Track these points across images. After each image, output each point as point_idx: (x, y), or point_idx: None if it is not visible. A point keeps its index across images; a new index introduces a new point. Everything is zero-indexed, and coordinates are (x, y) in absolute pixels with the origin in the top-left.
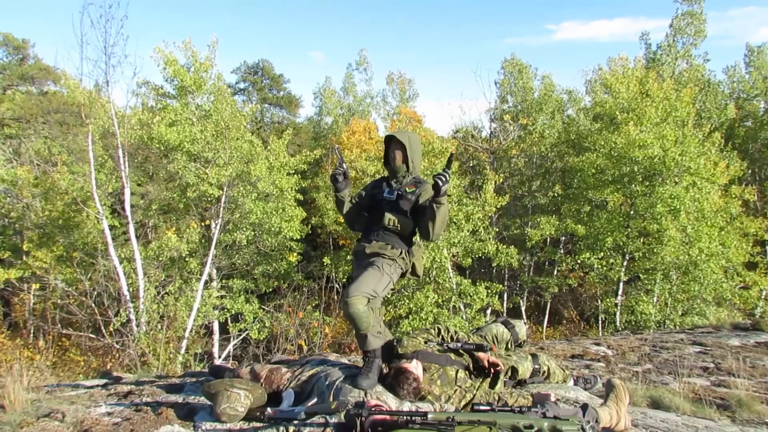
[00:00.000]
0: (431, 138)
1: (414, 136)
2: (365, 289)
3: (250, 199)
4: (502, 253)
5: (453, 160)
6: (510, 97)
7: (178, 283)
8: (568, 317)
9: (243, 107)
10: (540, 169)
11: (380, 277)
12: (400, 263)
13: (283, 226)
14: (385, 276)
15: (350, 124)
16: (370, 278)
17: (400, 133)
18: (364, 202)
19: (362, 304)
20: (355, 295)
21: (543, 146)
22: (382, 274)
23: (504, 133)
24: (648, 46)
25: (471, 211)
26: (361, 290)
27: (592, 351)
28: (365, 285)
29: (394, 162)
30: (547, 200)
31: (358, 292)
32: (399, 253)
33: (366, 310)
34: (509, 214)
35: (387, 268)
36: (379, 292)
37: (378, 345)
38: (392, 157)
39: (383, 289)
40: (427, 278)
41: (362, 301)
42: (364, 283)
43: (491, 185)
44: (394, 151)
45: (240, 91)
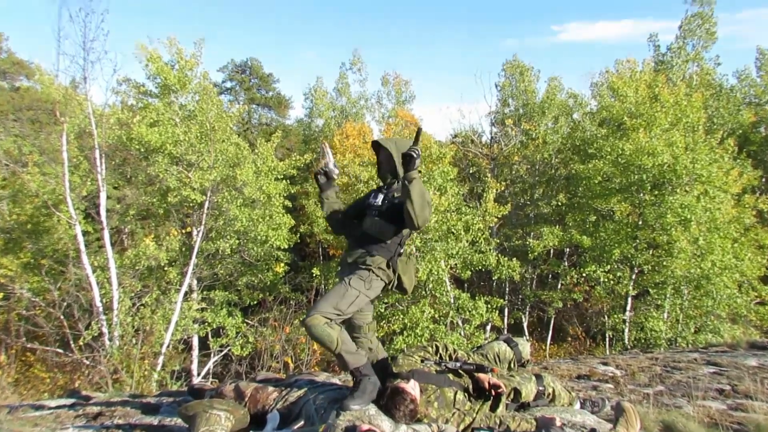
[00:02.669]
0: (429, 143)
1: (401, 141)
2: (324, 308)
3: (235, 205)
4: (503, 265)
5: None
6: (511, 100)
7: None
8: (573, 334)
9: (229, 108)
10: (543, 176)
11: (344, 292)
12: (378, 274)
13: (270, 235)
14: (351, 290)
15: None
16: (331, 296)
17: (385, 140)
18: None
19: (320, 324)
20: (311, 315)
21: (546, 152)
22: (348, 288)
23: (505, 139)
24: (657, 48)
25: (470, 220)
26: (319, 310)
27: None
28: (324, 304)
29: (383, 168)
30: (551, 210)
31: (315, 311)
32: (377, 261)
33: (325, 330)
34: (510, 224)
35: (355, 281)
36: (344, 309)
37: (359, 363)
38: (382, 163)
39: (350, 305)
40: (423, 291)
41: (319, 320)
42: (324, 302)
43: (492, 193)
44: (382, 158)
45: (226, 91)
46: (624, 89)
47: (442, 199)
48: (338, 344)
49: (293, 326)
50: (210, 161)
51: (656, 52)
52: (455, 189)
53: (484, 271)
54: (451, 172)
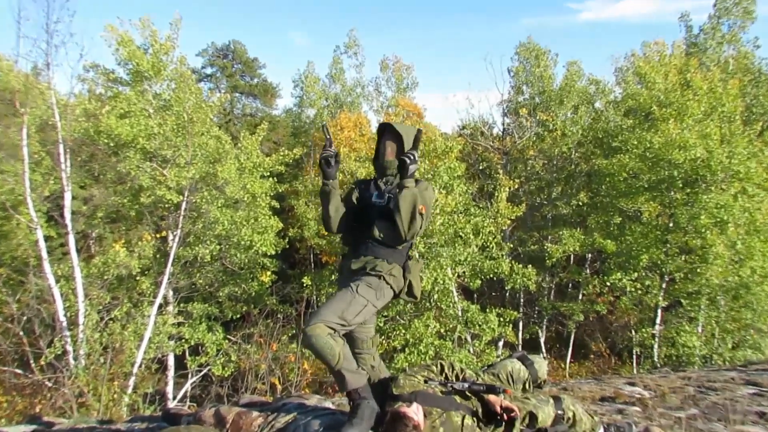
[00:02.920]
0: (434, 135)
1: (409, 126)
2: (328, 316)
3: (216, 206)
4: (517, 273)
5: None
6: (526, 87)
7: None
8: (596, 351)
9: (209, 96)
10: (562, 172)
11: (350, 300)
12: (389, 281)
13: (255, 239)
14: (358, 299)
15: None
16: (336, 303)
17: (399, 125)
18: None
19: (323, 335)
20: (313, 323)
21: (565, 146)
22: (354, 296)
23: (519, 130)
24: (688, 29)
25: (480, 223)
26: (322, 317)
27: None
28: (328, 311)
29: (383, 156)
30: (571, 210)
31: (318, 319)
32: (390, 268)
33: (328, 342)
34: (525, 226)
35: (364, 289)
36: (350, 319)
37: (359, 383)
38: (383, 150)
39: (356, 314)
40: (427, 303)
41: (322, 330)
42: (329, 308)
43: (504, 192)
44: (386, 144)
45: (206, 78)
46: (652, 75)
47: (448, 199)
48: (339, 360)
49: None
50: (188, 157)
51: (688, 33)
52: (463, 187)
53: (495, 279)
54: (458, 169)
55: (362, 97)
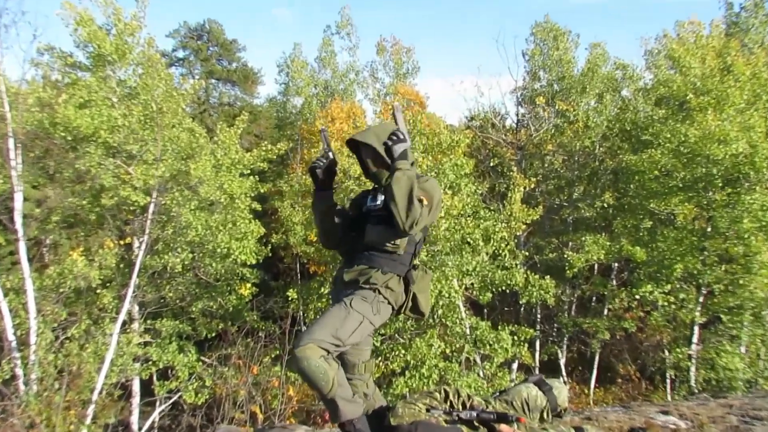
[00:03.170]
0: (437, 127)
1: (382, 126)
2: (320, 335)
3: (189, 208)
4: (534, 285)
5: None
6: (543, 73)
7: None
8: (624, 374)
9: (181, 84)
10: (584, 170)
11: (344, 316)
12: (386, 294)
13: (233, 247)
14: (353, 314)
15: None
16: (329, 320)
17: (361, 134)
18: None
19: (315, 357)
20: (304, 344)
21: (588, 139)
22: (348, 311)
23: (536, 122)
24: (728, 7)
25: (491, 227)
26: (314, 337)
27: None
28: (320, 331)
29: (368, 170)
30: (594, 213)
31: (310, 339)
32: (386, 279)
33: (321, 366)
34: (543, 231)
35: (358, 304)
36: (345, 339)
37: (354, 413)
38: (368, 165)
39: (351, 333)
40: (430, 319)
41: (315, 352)
42: (321, 327)
43: (519, 192)
44: (365, 156)
45: (178, 62)
46: (687, 59)
47: (454, 200)
48: (333, 386)
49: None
50: (156, 152)
51: (728, 11)
52: (471, 187)
53: (508, 293)
54: (466, 165)
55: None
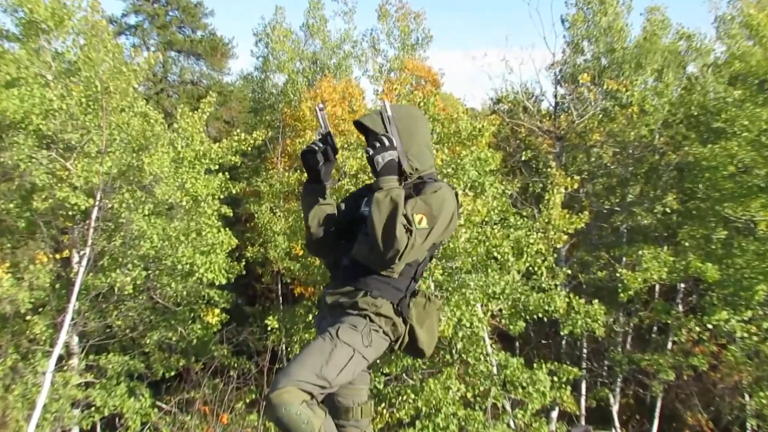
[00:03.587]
0: (455, 111)
1: (405, 110)
2: (301, 374)
3: (142, 214)
4: (578, 312)
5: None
6: (588, 44)
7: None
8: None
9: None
10: (641, 166)
11: (330, 350)
12: (381, 324)
13: (198, 263)
14: (341, 347)
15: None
16: (311, 355)
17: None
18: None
19: (295, 402)
20: (281, 387)
21: (645, 127)
22: (335, 344)
23: (579, 105)
24: None
25: (524, 238)
26: (294, 377)
27: None
28: (302, 368)
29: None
30: (654, 220)
31: (289, 381)
32: (378, 305)
33: (303, 414)
34: (589, 243)
35: (346, 333)
36: (332, 378)
37: None
38: None
39: (340, 370)
40: (448, 355)
41: (295, 397)
42: (301, 364)
43: (559, 194)
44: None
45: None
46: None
47: (477, 204)
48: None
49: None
50: (102, 143)
51: None
52: (499, 187)
53: (546, 321)
54: (491, 160)
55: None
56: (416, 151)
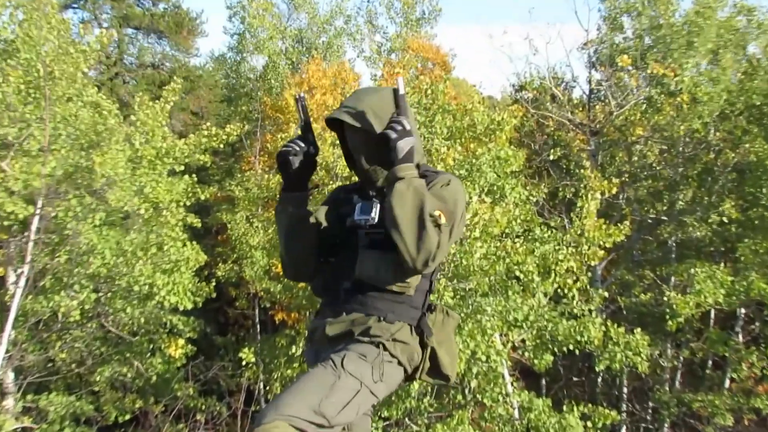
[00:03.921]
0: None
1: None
2: (294, 408)
3: (92, 224)
4: (617, 343)
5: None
6: (628, 20)
7: None
8: None
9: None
10: (693, 167)
11: (332, 383)
12: (395, 351)
13: (159, 283)
14: (346, 380)
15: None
16: (308, 387)
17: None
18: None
19: None
20: (269, 421)
21: (698, 120)
22: (339, 376)
23: (618, 93)
24: None
25: (551, 254)
26: (285, 411)
27: None
28: (295, 401)
29: (359, 163)
30: (709, 232)
31: (278, 414)
32: (394, 330)
33: None
34: (631, 260)
35: (354, 364)
36: (332, 416)
37: None
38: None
39: (342, 408)
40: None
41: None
42: (295, 396)
43: (594, 200)
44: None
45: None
46: None
47: (496, 213)
48: None
49: None
50: (44, 139)
51: None
52: (522, 192)
53: (578, 354)
54: (513, 159)
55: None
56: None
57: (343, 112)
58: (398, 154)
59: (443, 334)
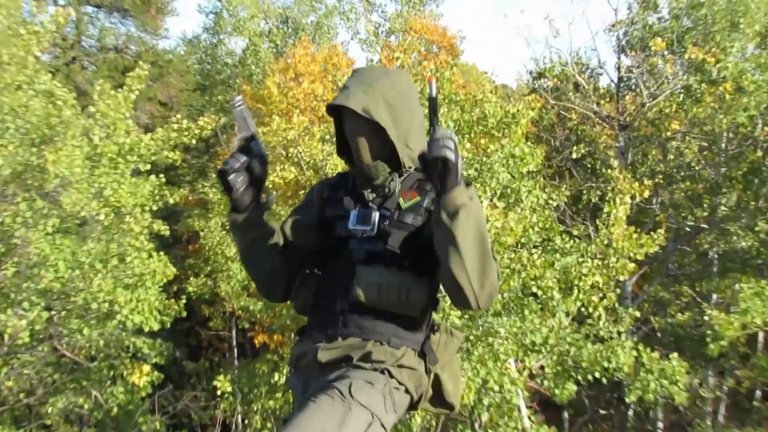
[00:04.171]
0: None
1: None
2: None
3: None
4: (651, 370)
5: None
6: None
7: None
8: None
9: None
10: (737, 166)
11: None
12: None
13: (121, 301)
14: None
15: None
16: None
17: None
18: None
19: None
20: None
21: (743, 113)
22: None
23: (651, 82)
24: None
25: (574, 267)
26: None
27: None
28: None
29: (359, 157)
30: (755, 241)
31: None
32: (399, 355)
33: None
34: (666, 274)
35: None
36: None
37: None
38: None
39: None
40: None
41: None
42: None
43: (624, 205)
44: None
45: None
46: None
47: (509, 219)
48: None
49: None
50: None
51: None
52: (540, 195)
53: (606, 383)
54: (530, 158)
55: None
56: (417, 135)
57: (352, 100)
58: (457, 176)
59: (446, 357)
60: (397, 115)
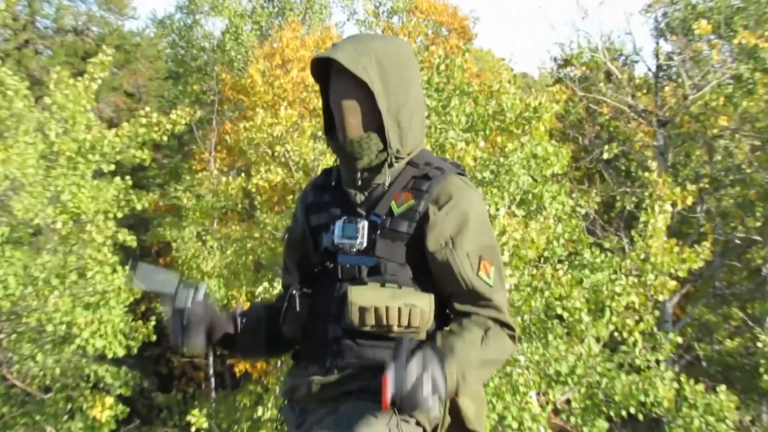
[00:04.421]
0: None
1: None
2: None
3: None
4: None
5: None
6: None
7: None
8: None
9: None
10: None
11: None
12: None
13: (80, 322)
14: None
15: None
16: None
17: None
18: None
19: None
20: None
21: None
22: None
23: (695, 70)
24: None
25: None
26: None
27: None
28: None
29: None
30: None
31: None
32: None
33: None
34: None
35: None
36: None
37: None
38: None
39: None
40: None
41: None
42: None
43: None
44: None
45: None
46: None
47: (530, 229)
48: None
49: None
50: None
51: None
52: (566, 201)
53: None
54: (554, 158)
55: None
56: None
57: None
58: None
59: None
60: (390, 82)
